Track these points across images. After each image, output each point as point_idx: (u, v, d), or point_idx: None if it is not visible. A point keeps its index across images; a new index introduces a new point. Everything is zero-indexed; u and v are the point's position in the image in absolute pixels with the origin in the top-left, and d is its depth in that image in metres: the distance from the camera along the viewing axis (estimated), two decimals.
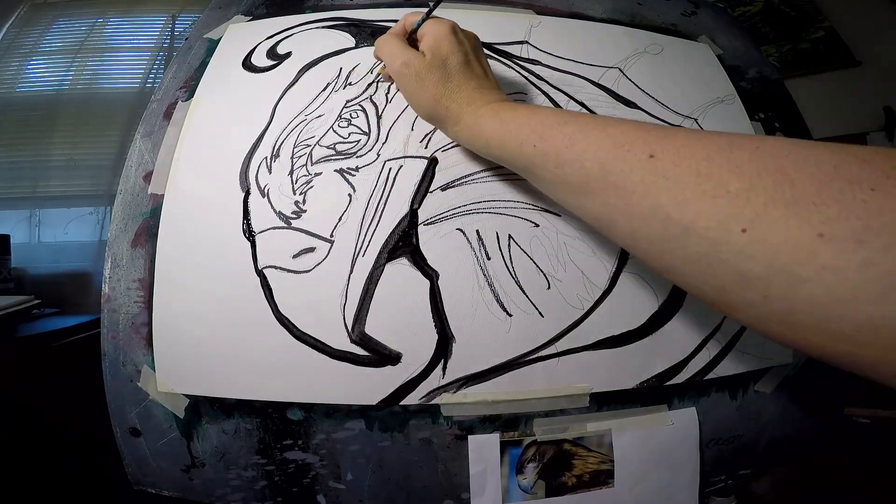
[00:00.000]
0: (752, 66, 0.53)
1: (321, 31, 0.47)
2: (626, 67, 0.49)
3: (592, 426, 0.40)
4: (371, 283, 0.38)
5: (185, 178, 0.41)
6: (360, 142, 0.42)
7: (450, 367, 0.38)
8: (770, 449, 0.44)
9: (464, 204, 0.41)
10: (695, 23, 0.55)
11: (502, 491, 0.39)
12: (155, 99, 0.45)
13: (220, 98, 0.44)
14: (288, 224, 0.39)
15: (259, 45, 0.46)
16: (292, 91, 0.44)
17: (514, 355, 0.39)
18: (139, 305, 0.39)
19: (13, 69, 1.27)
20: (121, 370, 0.39)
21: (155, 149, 0.43)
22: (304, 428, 0.38)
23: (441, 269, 0.39)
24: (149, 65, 1.29)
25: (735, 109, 0.49)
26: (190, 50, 0.48)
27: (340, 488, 0.39)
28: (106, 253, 0.40)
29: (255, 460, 0.38)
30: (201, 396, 0.38)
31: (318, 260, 0.39)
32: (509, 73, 0.46)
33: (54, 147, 1.21)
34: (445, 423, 0.39)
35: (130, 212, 0.41)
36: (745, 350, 0.42)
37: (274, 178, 0.40)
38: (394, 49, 0.38)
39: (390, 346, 0.38)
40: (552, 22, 0.50)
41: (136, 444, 0.39)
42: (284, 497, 0.38)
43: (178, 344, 0.38)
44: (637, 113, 0.47)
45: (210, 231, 0.40)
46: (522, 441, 0.39)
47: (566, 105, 0.45)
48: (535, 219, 0.41)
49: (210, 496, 0.39)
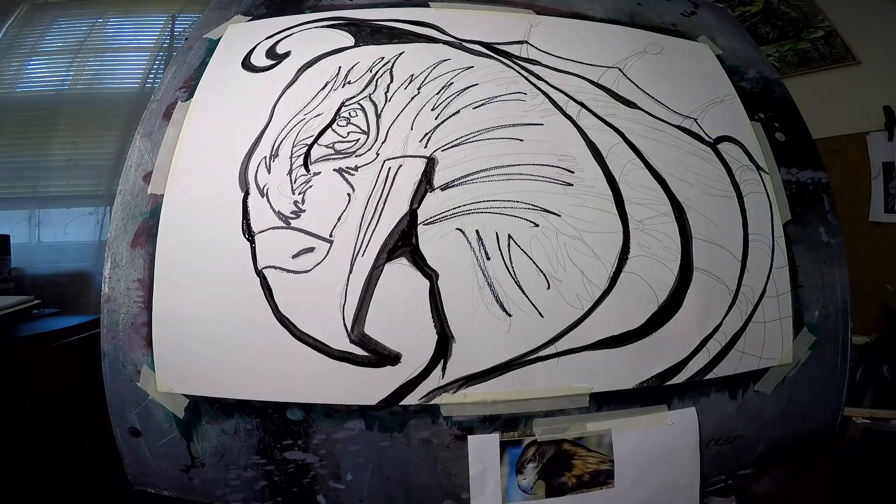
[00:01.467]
0: (752, 66, 0.53)
1: (320, 31, 0.47)
2: (626, 67, 0.49)
3: (592, 426, 0.40)
4: (370, 283, 0.38)
5: (184, 178, 0.41)
6: (359, 141, 0.42)
7: (449, 367, 0.38)
8: (770, 449, 0.44)
9: (463, 204, 0.41)
10: (695, 23, 0.55)
11: (502, 491, 0.39)
12: (155, 99, 0.45)
13: (219, 98, 0.44)
14: (287, 224, 0.39)
15: (259, 45, 0.46)
16: (291, 90, 0.44)
17: (513, 355, 0.39)
18: (139, 305, 0.39)
19: (13, 69, 1.27)
20: (121, 370, 0.39)
21: (155, 149, 0.43)
22: (304, 428, 0.38)
23: (441, 269, 0.39)
24: (149, 65, 1.29)
25: (735, 109, 0.49)
26: (190, 50, 0.48)
27: (340, 488, 0.39)
28: (106, 253, 0.40)
29: (255, 460, 0.38)
30: (201, 396, 0.38)
31: (318, 260, 0.39)
32: (509, 73, 0.46)
33: (54, 147, 1.21)
34: (445, 424, 0.39)
35: (130, 212, 0.41)
36: (744, 350, 0.42)
37: (273, 177, 0.40)
38: None
39: (390, 346, 0.38)
40: (552, 22, 0.50)
41: (136, 444, 0.39)
42: (284, 497, 0.38)
43: (177, 344, 0.38)
44: (637, 113, 0.46)
45: (210, 231, 0.40)
46: (522, 441, 0.39)
47: (566, 105, 0.45)
48: (534, 219, 0.41)
49: (210, 496, 0.39)
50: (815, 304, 0.45)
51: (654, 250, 0.42)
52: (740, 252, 0.44)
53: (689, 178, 0.45)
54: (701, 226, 0.43)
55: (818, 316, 0.45)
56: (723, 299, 0.42)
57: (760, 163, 0.47)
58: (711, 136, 0.47)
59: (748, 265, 0.43)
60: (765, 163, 0.47)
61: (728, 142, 0.47)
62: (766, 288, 0.43)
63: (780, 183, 0.47)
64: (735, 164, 0.47)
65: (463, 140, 0.43)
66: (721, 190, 0.45)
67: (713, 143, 0.47)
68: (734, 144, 0.47)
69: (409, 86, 0.44)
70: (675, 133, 0.46)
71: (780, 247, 0.45)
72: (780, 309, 0.43)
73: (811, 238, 0.46)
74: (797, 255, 0.45)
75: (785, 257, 0.45)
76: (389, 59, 0.45)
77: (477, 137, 0.43)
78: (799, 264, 0.45)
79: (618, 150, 0.45)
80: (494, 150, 0.43)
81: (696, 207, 0.44)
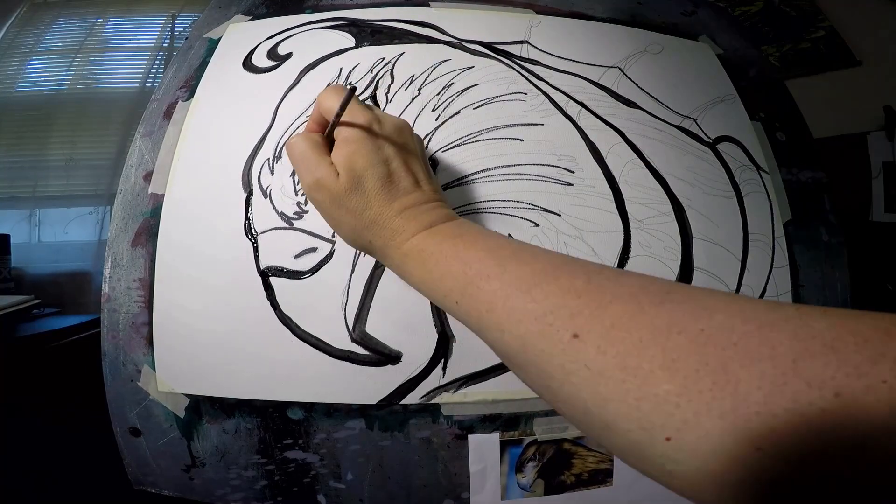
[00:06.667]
0: (753, 66, 0.53)
1: (321, 32, 0.47)
2: (627, 67, 0.49)
3: None
4: (372, 282, 0.38)
5: (185, 178, 0.41)
6: None
7: (450, 366, 0.38)
8: None
9: (464, 204, 0.41)
10: (695, 22, 0.55)
11: (501, 489, 0.39)
12: (155, 99, 0.45)
13: (220, 98, 0.44)
14: (290, 224, 0.39)
15: (259, 46, 0.46)
16: (294, 92, 0.44)
17: None
18: (139, 305, 0.39)
19: (13, 69, 1.27)
20: (121, 370, 0.39)
21: (155, 148, 0.43)
22: (305, 427, 0.38)
23: None
24: (149, 65, 1.29)
25: (735, 109, 0.49)
26: (190, 49, 0.48)
27: (341, 488, 0.39)
28: (106, 253, 0.40)
29: (256, 460, 0.38)
30: (201, 396, 0.38)
31: (320, 260, 0.39)
32: (509, 73, 0.46)
33: (54, 147, 1.21)
34: (445, 423, 0.39)
35: (130, 211, 0.41)
36: None
37: (276, 179, 0.40)
38: (306, 160, 0.30)
39: (391, 345, 0.38)
40: (552, 21, 0.50)
41: (136, 443, 0.39)
42: (285, 496, 0.39)
43: (178, 343, 0.38)
44: (637, 112, 0.47)
45: (210, 231, 0.40)
46: (522, 440, 0.39)
47: (566, 105, 0.45)
48: (534, 219, 0.41)
49: (210, 496, 0.39)
50: (816, 304, 0.45)
51: (654, 249, 0.42)
52: (740, 252, 0.44)
53: (689, 177, 0.45)
54: (701, 225, 0.44)
55: None
56: None
57: (760, 162, 0.47)
58: (712, 135, 0.47)
59: (748, 265, 0.44)
60: (765, 162, 0.47)
61: (728, 141, 0.48)
62: (766, 287, 0.43)
63: (781, 182, 0.47)
64: (735, 164, 0.47)
65: (463, 141, 0.43)
66: (721, 189, 0.45)
67: (713, 142, 0.47)
68: (734, 144, 0.48)
69: (409, 86, 0.44)
70: (675, 133, 0.47)
71: (781, 246, 0.45)
72: None
73: (812, 238, 0.46)
74: (797, 254, 0.45)
75: (785, 257, 0.45)
76: (390, 59, 0.45)
77: (477, 138, 0.43)
78: (799, 264, 0.45)
79: (618, 150, 0.45)
80: (495, 150, 0.43)
81: (697, 207, 0.44)
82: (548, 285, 0.22)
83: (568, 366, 0.19)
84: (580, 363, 0.19)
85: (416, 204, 0.30)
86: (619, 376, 0.18)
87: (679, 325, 0.17)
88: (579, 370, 0.19)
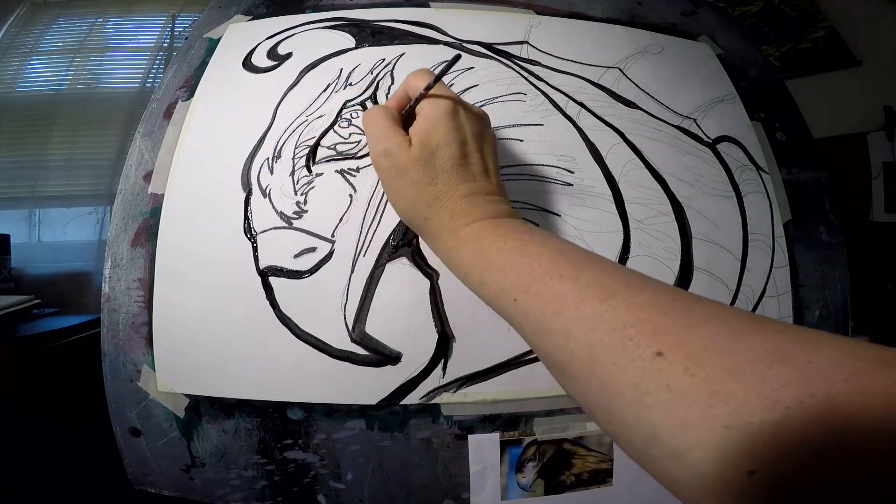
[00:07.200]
0: (753, 66, 0.53)
1: (322, 32, 0.47)
2: (626, 67, 0.49)
3: (592, 425, 0.40)
4: (372, 282, 0.38)
5: (185, 178, 0.41)
6: (360, 142, 0.42)
7: (450, 366, 0.38)
8: None
9: None
10: (695, 22, 0.55)
11: (501, 489, 0.39)
12: (155, 98, 0.45)
13: (220, 98, 0.44)
14: (289, 224, 0.39)
15: (259, 46, 0.46)
16: (293, 92, 0.44)
17: (514, 354, 0.39)
18: (139, 305, 0.39)
19: (13, 69, 1.27)
20: (121, 370, 0.39)
21: (155, 148, 0.43)
22: (305, 427, 0.38)
23: (441, 268, 0.39)
24: (149, 65, 1.29)
25: (735, 109, 0.49)
26: (190, 49, 0.48)
27: (340, 488, 0.39)
28: (106, 252, 0.40)
29: (256, 460, 0.38)
30: (201, 396, 0.38)
31: (320, 259, 0.39)
32: (509, 73, 0.46)
33: (54, 147, 1.21)
34: (445, 423, 0.39)
35: (130, 211, 0.41)
36: None
37: (275, 178, 0.40)
38: (378, 129, 0.31)
39: (390, 345, 0.38)
40: (552, 22, 0.50)
41: (136, 443, 0.39)
42: (284, 497, 0.39)
43: (178, 343, 0.38)
44: (637, 113, 0.47)
45: (210, 231, 0.40)
46: (522, 440, 0.39)
47: (566, 106, 0.45)
48: (535, 219, 0.41)
49: (210, 496, 0.39)
50: (816, 304, 0.45)
51: (654, 249, 0.42)
52: (740, 252, 0.44)
53: (689, 177, 0.45)
54: (701, 225, 0.44)
55: (819, 316, 0.45)
56: (723, 299, 0.42)
57: (760, 162, 0.47)
58: (712, 135, 0.47)
59: (748, 265, 0.44)
60: (765, 162, 0.47)
61: (728, 141, 0.48)
62: (766, 287, 0.43)
63: (781, 182, 0.47)
64: (735, 164, 0.47)
65: None
66: (721, 190, 0.45)
67: (713, 142, 0.47)
68: (734, 144, 0.48)
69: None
70: (675, 133, 0.47)
71: (781, 246, 0.45)
72: (781, 309, 0.43)
73: (812, 237, 0.46)
74: (797, 254, 0.45)
75: (785, 257, 0.45)
76: (390, 60, 0.45)
77: None
78: (799, 264, 0.45)
79: (618, 151, 0.45)
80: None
81: (697, 207, 0.44)
82: (631, 298, 0.20)
83: (644, 385, 0.18)
84: (660, 382, 0.17)
85: (482, 192, 0.30)
86: (707, 401, 0.16)
87: (781, 353, 0.16)
88: (658, 390, 0.17)
